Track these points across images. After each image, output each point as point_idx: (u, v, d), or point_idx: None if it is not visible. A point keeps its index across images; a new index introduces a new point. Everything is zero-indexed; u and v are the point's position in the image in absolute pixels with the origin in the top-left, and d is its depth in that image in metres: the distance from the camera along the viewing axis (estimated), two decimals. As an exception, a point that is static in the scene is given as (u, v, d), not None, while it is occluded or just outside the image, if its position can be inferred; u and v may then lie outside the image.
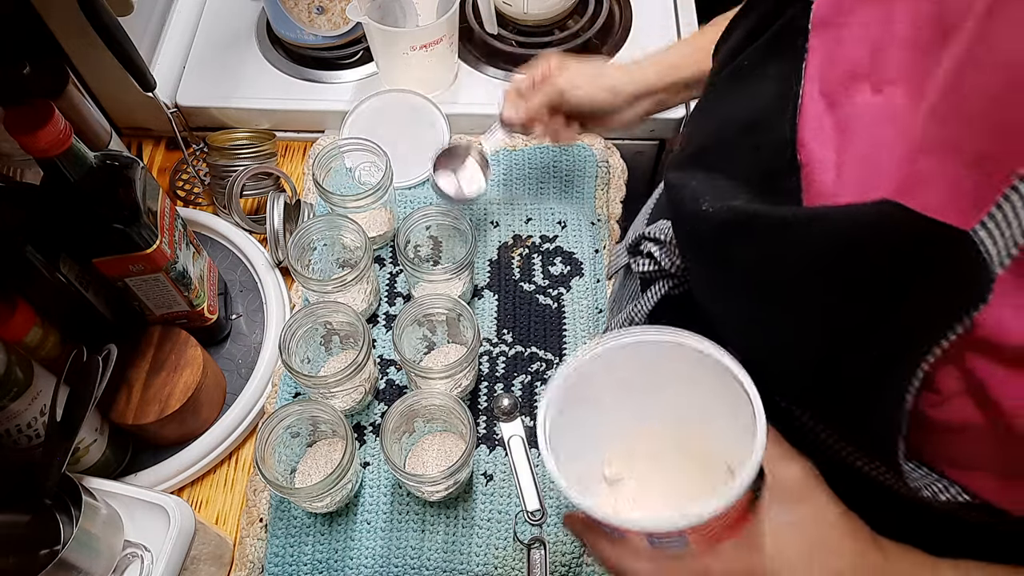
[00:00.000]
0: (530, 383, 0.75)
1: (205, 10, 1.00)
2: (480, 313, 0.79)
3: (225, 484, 0.75)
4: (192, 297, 0.72)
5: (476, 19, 0.98)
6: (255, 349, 0.79)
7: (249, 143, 0.85)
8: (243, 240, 0.85)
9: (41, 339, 0.64)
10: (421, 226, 0.76)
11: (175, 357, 0.71)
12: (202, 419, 0.74)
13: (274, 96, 0.93)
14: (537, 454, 0.71)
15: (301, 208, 0.83)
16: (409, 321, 0.68)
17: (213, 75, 0.94)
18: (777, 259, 0.38)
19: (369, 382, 0.73)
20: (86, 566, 0.52)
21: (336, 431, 0.70)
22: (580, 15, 1.00)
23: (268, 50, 0.97)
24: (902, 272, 0.32)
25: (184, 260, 0.70)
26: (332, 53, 0.96)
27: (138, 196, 0.62)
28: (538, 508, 0.68)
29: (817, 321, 0.38)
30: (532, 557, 0.67)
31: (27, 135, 0.54)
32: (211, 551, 0.65)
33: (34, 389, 0.59)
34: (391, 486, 0.70)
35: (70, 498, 0.53)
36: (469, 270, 0.75)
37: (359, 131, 0.85)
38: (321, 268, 0.79)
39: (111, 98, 0.90)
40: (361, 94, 0.93)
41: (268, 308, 0.82)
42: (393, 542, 0.67)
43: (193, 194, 0.91)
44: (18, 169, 0.78)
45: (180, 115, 0.91)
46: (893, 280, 0.33)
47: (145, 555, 0.58)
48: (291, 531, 0.68)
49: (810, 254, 0.36)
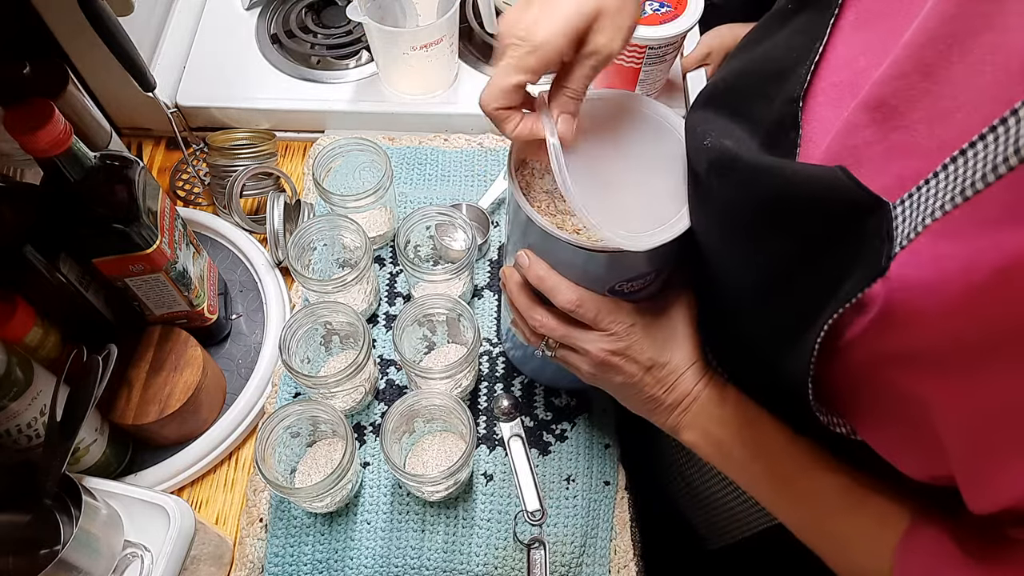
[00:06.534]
0: (530, 383, 0.75)
1: (205, 10, 1.00)
2: (480, 313, 0.79)
3: (225, 484, 0.75)
4: (192, 297, 0.72)
5: (476, 19, 0.98)
6: (255, 349, 0.79)
7: (249, 143, 0.85)
8: (243, 240, 0.85)
9: (41, 339, 0.64)
10: (421, 226, 0.76)
11: (175, 357, 0.71)
12: (202, 419, 0.74)
13: (274, 96, 0.93)
14: (537, 454, 0.71)
15: (301, 208, 0.83)
16: (409, 321, 0.68)
17: (213, 75, 0.94)
18: (743, 200, 0.42)
19: (369, 382, 0.73)
20: (86, 566, 0.52)
21: (336, 431, 0.70)
22: (580, 15, 1.00)
23: (268, 50, 0.97)
24: (837, 231, 0.36)
25: (184, 260, 0.70)
26: (332, 52, 0.96)
27: (138, 196, 0.62)
28: (538, 508, 0.68)
29: (762, 262, 0.42)
30: (532, 557, 0.67)
31: (27, 135, 0.54)
32: (211, 551, 0.65)
33: (34, 389, 0.59)
34: (391, 486, 0.70)
35: (70, 498, 0.53)
36: (469, 270, 0.75)
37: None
38: (321, 268, 0.79)
39: (111, 98, 0.90)
40: (361, 94, 0.93)
41: (268, 308, 0.82)
42: (393, 542, 0.67)
43: (193, 194, 0.91)
44: (18, 169, 0.78)
45: (180, 115, 0.91)
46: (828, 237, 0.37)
47: (145, 555, 0.58)
48: (291, 531, 0.68)
49: (769, 201, 0.39)
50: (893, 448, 0.41)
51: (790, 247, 0.39)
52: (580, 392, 0.75)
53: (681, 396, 0.54)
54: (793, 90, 0.42)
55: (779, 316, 0.42)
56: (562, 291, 0.52)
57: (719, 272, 0.50)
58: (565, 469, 0.71)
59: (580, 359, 0.56)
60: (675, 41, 0.80)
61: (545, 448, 0.72)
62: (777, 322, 0.43)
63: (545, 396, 0.75)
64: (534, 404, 0.74)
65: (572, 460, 0.71)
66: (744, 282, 0.46)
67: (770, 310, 0.44)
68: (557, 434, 0.73)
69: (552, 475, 0.71)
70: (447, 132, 0.93)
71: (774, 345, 0.44)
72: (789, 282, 0.40)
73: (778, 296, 0.42)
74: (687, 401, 0.54)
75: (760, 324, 0.46)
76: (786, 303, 0.41)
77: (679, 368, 0.54)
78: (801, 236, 0.38)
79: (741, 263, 0.46)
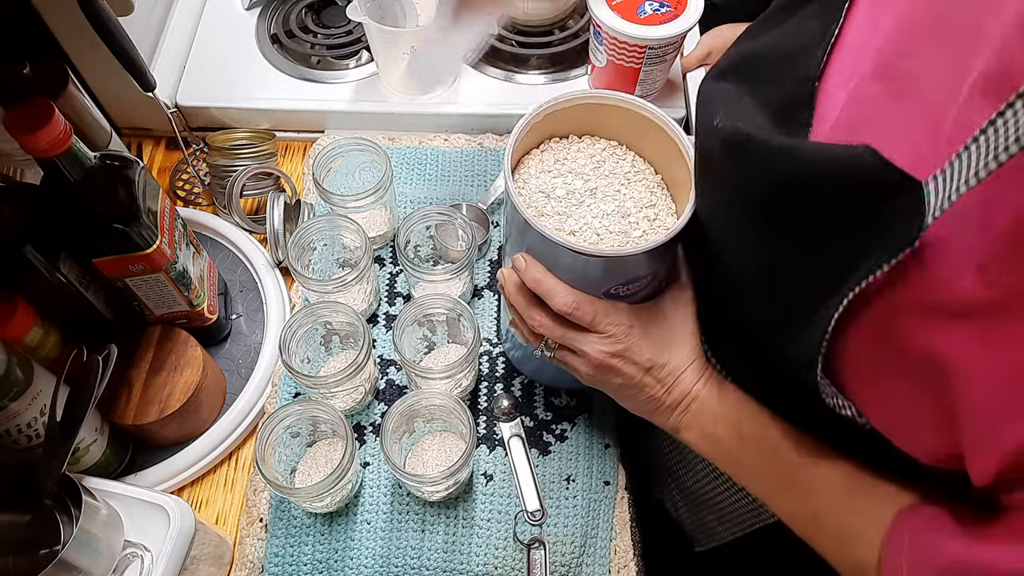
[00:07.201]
0: (530, 383, 0.75)
1: (205, 10, 1.00)
2: (480, 313, 0.79)
3: (225, 484, 0.75)
4: (192, 297, 0.72)
5: (476, 19, 0.98)
6: (255, 349, 0.79)
7: (249, 143, 0.85)
8: (243, 240, 0.85)
9: (41, 339, 0.64)
10: (421, 226, 0.76)
11: (175, 357, 0.71)
12: (202, 419, 0.74)
13: (274, 96, 0.93)
14: (537, 454, 0.71)
15: (301, 208, 0.83)
16: (409, 321, 0.68)
17: (213, 75, 0.94)
18: (756, 181, 0.42)
19: (369, 382, 0.73)
20: (86, 566, 0.52)
21: (336, 431, 0.70)
22: (580, 15, 1.00)
23: (268, 50, 0.97)
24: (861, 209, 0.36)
25: (184, 260, 0.70)
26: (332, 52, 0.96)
27: (138, 196, 0.62)
28: (538, 508, 0.68)
29: (771, 242, 0.42)
30: (532, 557, 0.67)
31: (27, 135, 0.54)
32: (211, 551, 0.65)
33: (34, 389, 0.59)
34: (391, 486, 0.70)
35: (70, 498, 0.53)
36: (469, 270, 0.75)
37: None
38: (321, 268, 0.79)
39: (111, 98, 0.90)
40: (361, 94, 0.93)
41: (268, 308, 0.82)
42: (393, 542, 0.67)
43: (193, 194, 0.91)
44: (18, 169, 0.78)
45: (180, 115, 0.91)
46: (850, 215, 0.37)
47: (145, 555, 0.58)
48: (291, 531, 0.68)
49: (785, 182, 0.39)
50: (901, 425, 0.40)
51: (804, 227, 0.39)
52: (580, 392, 0.75)
53: (681, 396, 0.54)
54: (808, 70, 0.43)
55: (788, 296, 0.42)
56: (558, 294, 0.52)
57: (723, 257, 0.50)
58: (565, 469, 0.71)
59: (579, 361, 0.56)
60: (675, 41, 0.80)
61: (545, 448, 0.72)
62: (786, 302, 0.43)
63: (545, 396, 0.75)
64: (534, 404, 0.74)
65: (572, 460, 0.71)
66: (749, 264, 0.46)
67: (779, 290, 0.43)
68: (557, 434, 0.73)
69: (552, 475, 0.71)
70: (447, 132, 0.93)
71: (781, 327, 0.44)
72: (802, 261, 0.40)
73: (788, 276, 0.42)
74: (687, 400, 0.54)
75: (766, 307, 0.46)
76: (797, 282, 0.41)
77: (678, 368, 0.54)
78: (818, 215, 0.38)
79: (748, 244, 0.46)
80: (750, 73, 0.48)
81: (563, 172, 0.56)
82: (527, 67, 0.96)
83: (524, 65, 0.97)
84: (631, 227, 0.53)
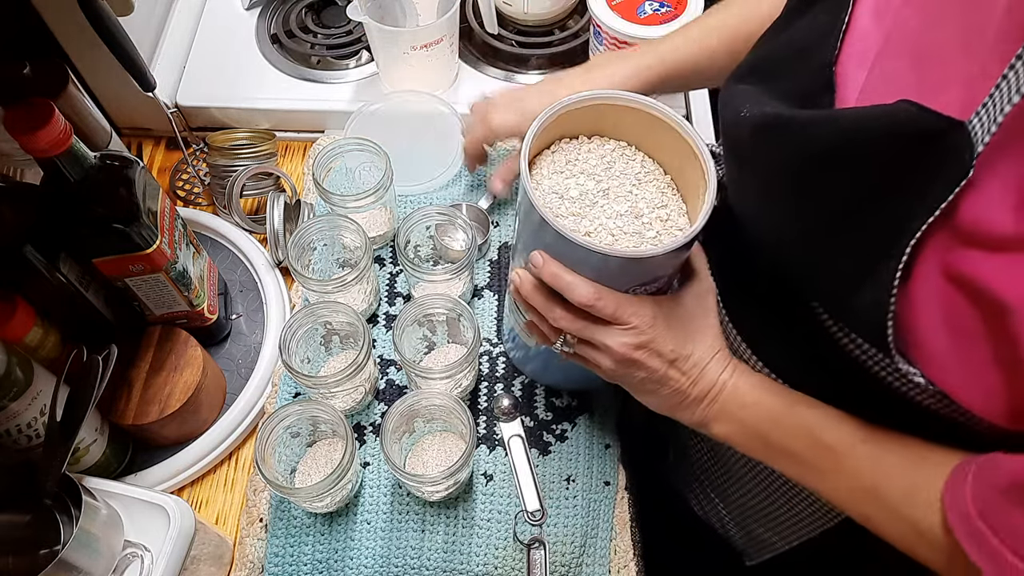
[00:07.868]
0: (530, 383, 0.75)
1: (205, 10, 1.00)
2: (480, 313, 0.79)
3: (225, 484, 0.75)
4: (192, 297, 0.72)
5: (476, 19, 0.98)
6: (255, 349, 0.79)
7: (249, 143, 0.85)
8: (243, 240, 0.85)
9: (41, 339, 0.64)
10: (421, 226, 0.76)
11: (175, 357, 0.71)
12: (202, 419, 0.74)
13: (274, 96, 0.93)
14: (537, 454, 0.71)
15: (301, 208, 0.83)
16: (409, 321, 0.68)
17: (213, 75, 0.94)
18: (793, 156, 0.44)
19: (369, 382, 0.73)
20: (86, 566, 0.52)
21: (336, 431, 0.70)
22: (580, 15, 1.00)
23: (268, 50, 0.97)
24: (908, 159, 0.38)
25: (184, 260, 0.70)
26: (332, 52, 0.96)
27: (138, 196, 0.62)
28: (538, 508, 0.68)
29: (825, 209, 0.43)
30: (532, 557, 0.67)
31: (27, 135, 0.54)
32: (211, 551, 0.65)
33: (34, 389, 0.59)
34: (391, 486, 0.70)
35: (70, 498, 0.53)
36: (469, 270, 0.75)
37: (364, 132, 0.85)
38: (321, 268, 0.79)
39: (111, 98, 0.90)
40: (361, 94, 0.93)
41: (268, 308, 0.82)
42: (393, 542, 0.67)
43: (193, 194, 0.91)
44: (18, 169, 0.78)
45: (180, 115, 0.91)
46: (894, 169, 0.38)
47: (145, 555, 0.58)
48: (291, 531, 0.68)
49: (827, 147, 0.41)
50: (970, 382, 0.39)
51: (848, 188, 0.41)
52: (580, 392, 0.75)
53: (707, 387, 0.53)
54: (824, 57, 0.45)
55: (841, 260, 0.42)
56: (579, 286, 0.51)
57: (756, 240, 0.50)
58: (565, 469, 0.71)
59: (601, 355, 0.54)
60: (675, 41, 0.80)
61: (545, 448, 0.72)
62: (840, 267, 0.43)
63: (545, 396, 0.75)
64: (534, 404, 0.74)
65: (572, 460, 0.71)
66: (790, 235, 0.47)
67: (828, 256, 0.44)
68: (557, 434, 0.73)
69: (552, 475, 0.71)
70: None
71: (838, 295, 0.43)
72: (851, 221, 0.41)
73: (837, 238, 0.43)
74: (714, 392, 0.53)
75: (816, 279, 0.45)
76: (848, 243, 0.42)
77: (703, 359, 0.53)
78: (864, 174, 0.40)
79: (789, 220, 0.46)
80: (767, 72, 0.49)
81: (575, 173, 0.55)
82: (527, 67, 0.97)
83: (524, 65, 0.97)
84: (645, 228, 0.53)
